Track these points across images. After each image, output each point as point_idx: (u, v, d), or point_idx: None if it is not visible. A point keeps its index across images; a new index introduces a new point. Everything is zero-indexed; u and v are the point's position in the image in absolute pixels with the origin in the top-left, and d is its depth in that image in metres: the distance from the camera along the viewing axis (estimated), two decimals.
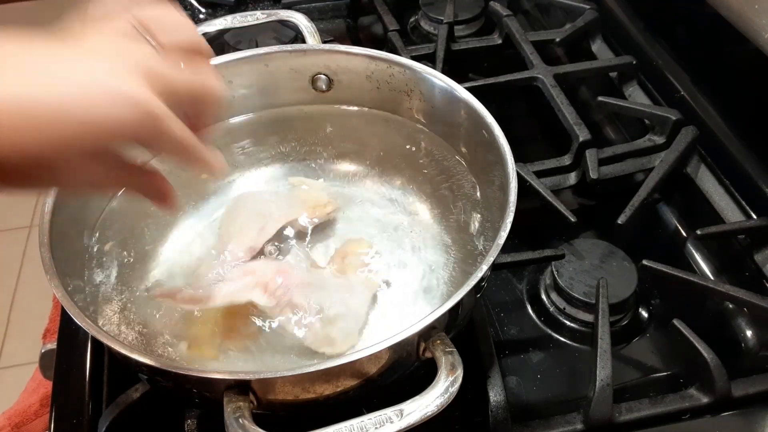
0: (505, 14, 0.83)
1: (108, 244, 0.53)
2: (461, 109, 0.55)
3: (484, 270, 0.42)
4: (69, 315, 0.41)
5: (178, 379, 0.40)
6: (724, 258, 0.62)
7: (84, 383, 0.51)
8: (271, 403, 0.40)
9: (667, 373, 0.54)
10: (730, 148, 0.66)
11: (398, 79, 0.59)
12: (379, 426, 0.36)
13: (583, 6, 0.85)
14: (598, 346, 0.50)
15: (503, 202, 0.46)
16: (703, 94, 0.71)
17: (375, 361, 0.40)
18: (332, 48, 0.61)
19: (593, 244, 0.60)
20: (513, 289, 0.61)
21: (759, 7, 0.60)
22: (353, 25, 0.93)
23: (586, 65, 0.78)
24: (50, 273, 0.43)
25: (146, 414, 0.48)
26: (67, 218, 0.49)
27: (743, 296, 0.55)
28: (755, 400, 0.50)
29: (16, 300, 1.64)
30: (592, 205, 0.68)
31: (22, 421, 0.70)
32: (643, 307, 0.59)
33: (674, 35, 0.77)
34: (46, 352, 0.61)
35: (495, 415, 0.48)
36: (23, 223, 1.81)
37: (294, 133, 0.62)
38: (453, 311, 0.40)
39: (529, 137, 0.78)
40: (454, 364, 0.39)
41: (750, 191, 0.63)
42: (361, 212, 0.57)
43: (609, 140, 0.76)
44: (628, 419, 0.49)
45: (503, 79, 0.75)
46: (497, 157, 0.50)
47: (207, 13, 0.93)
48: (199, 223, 0.56)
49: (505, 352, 0.56)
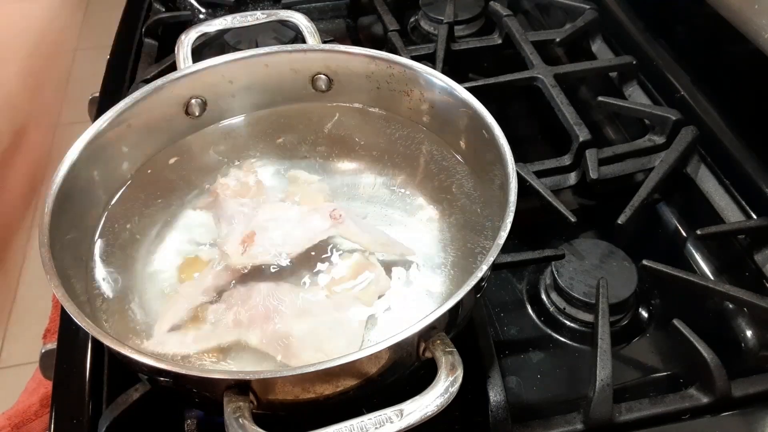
0: (505, 14, 0.83)
1: (108, 245, 0.53)
2: (461, 109, 0.55)
3: (484, 270, 0.42)
4: (69, 315, 0.41)
5: (178, 379, 0.40)
6: (724, 258, 0.62)
7: (84, 383, 0.51)
8: (271, 403, 0.40)
9: (667, 373, 0.54)
10: (730, 148, 0.66)
11: (398, 79, 0.59)
12: (379, 426, 0.36)
13: (583, 6, 0.85)
14: (598, 346, 0.50)
15: (503, 201, 0.46)
16: (703, 94, 0.71)
17: (375, 361, 0.40)
18: (332, 48, 0.61)
19: (593, 244, 0.60)
20: (513, 289, 0.61)
21: (759, 7, 0.60)
22: (353, 25, 0.93)
23: (586, 65, 0.78)
24: (50, 273, 0.43)
25: (146, 414, 0.48)
26: (67, 218, 0.49)
27: (743, 296, 0.55)
28: (755, 400, 0.50)
29: (16, 300, 1.64)
30: (592, 205, 0.68)
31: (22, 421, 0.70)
32: (643, 307, 0.59)
33: (674, 35, 0.77)
34: (46, 352, 0.61)
35: (495, 415, 0.48)
36: (23, 222, 1.81)
37: (294, 133, 0.62)
38: (453, 311, 0.40)
39: (529, 137, 0.78)
40: (454, 364, 0.39)
41: (750, 191, 0.63)
42: (361, 212, 0.57)
43: (609, 140, 0.76)
44: (628, 419, 0.49)
45: (503, 79, 0.75)
46: (497, 157, 0.50)
47: (207, 13, 0.93)
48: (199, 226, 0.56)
49: (505, 352, 0.56)
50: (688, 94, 0.71)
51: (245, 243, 0.50)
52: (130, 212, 0.55)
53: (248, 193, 0.55)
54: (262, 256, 0.50)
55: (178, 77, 0.58)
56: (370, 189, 0.58)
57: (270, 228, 0.51)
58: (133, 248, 0.53)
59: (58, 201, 0.48)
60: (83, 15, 2.39)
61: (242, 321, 0.47)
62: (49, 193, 0.48)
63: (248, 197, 0.54)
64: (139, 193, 0.57)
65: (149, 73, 0.77)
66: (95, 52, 2.12)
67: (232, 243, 0.50)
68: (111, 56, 0.84)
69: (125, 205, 0.55)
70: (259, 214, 0.53)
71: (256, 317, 0.47)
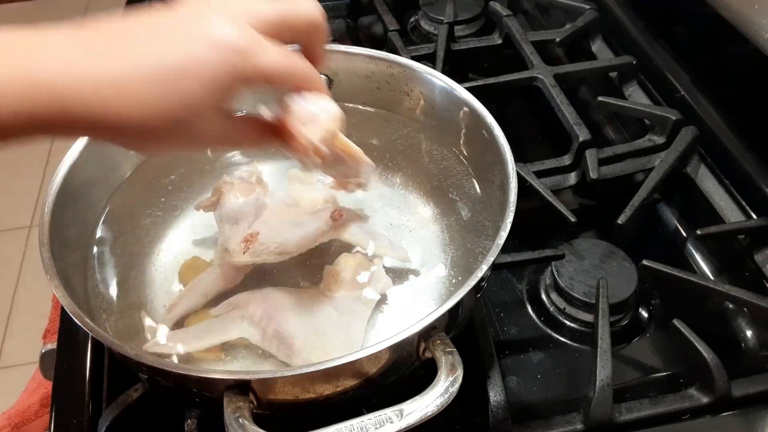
0: (505, 14, 0.83)
1: (109, 245, 0.53)
2: (461, 109, 0.55)
3: (484, 270, 0.42)
4: (69, 315, 0.41)
5: (178, 379, 0.40)
6: (724, 258, 0.62)
7: (84, 383, 0.51)
8: (271, 403, 0.40)
9: (667, 373, 0.54)
10: (730, 148, 0.66)
11: (398, 79, 0.59)
12: (379, 426, 0.36)
13: (583, 6, 0.85)
14: (598, 346, 0.50)
15: (503, 201, 0.46)
16: (703, 94, 0.71)
17: (375, 361, 0.40)
18: (332, 48, 0.61)
19: (593, 244, 0.60)
20: (513, 289, 0.61)
21: (759, 7, 0.60)
22: (353, 25, 0.93)
23: (586, 65, 0.78)
24: (50, 273, 0.43)
25: (146, 414, 0.48)
26: (67, 218, 0.49)
27: (743, 296, 0.55)
28: (755, 400, 0.50)
29: (16, 300, 1.64)
30: (592, 205, 0.68)
31: (22, 421, 0.70)
32: (643, 307, 0.59)
33: (674, 35, 0.77)
34: (46, 352, 0.61)
35: (495, 415, 0.48)
36: (23, 223, 1.81)
37: None
38: (453, 311, 0.40)
39: (529, 137, 0.78)
40: (454, 364, 0.39)
41: (750, 191, 0.63)
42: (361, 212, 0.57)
43: (609, 140, 0.76)
44: (628, 419, 0.49)
45: (503, 79, 0.75)
46: (497, 157, 0.50)
47: None
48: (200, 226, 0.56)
49: (505, 352, 0.56)
50: (688, 94, 0.71)
51: (248, 242, 0.50)
52: (130, 212, 0.55)
53: (252, 193, 0.55)
54: (264, 255, 0.50)
55: None
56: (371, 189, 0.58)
57: (273, 228, 0.51)
58: (133, 248, 0.53)
59: (58, 201, 0.48)
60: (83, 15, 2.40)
61: (244, 320, 0.47)
62: (49, 193, 0.48)
63: (252, 197, 0.54)
64: (140, 192, 0.57)
65: None
66: None
67: (235, 242, 0.50)
68: None
69: (125, 205, 0.55)
70: (262, 214, 0.53)
71: (257, 317, 0.47)
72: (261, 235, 0.50)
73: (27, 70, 0.31)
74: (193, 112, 0.35)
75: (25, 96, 0.31)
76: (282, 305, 0.48)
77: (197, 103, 0.34)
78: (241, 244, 0.50)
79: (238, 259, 0.50)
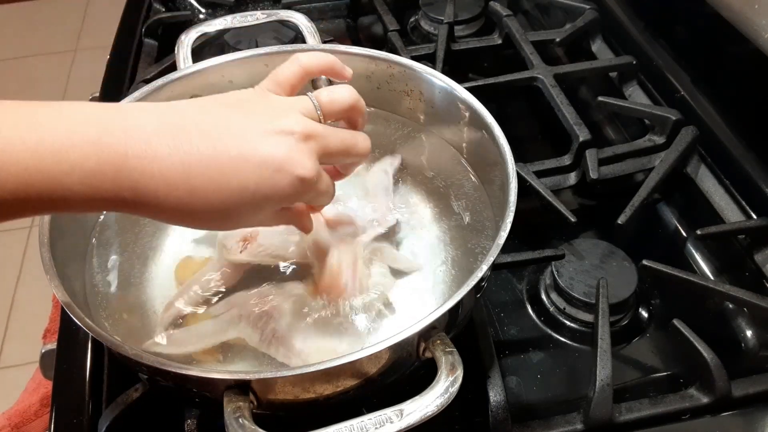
0: (505, 14, 0.83)
1: (108, 245, 0.53)
2: (461, 109, 0.55)
3: (484, 270, 0.42)
4: (69, 315, 0.41)
5: (178, 379, 0.40)
6: (724, 258, 0.62)
7: (84, 383, 0.51)
8: (271, 403, 0.40)
9: (667, 373, 0.54)
10: (730, 148, 0.66)
11: (398, 79, 0.59)
12: (379, 426, 0.36)
13: (583, 6, 0.85)
14: (598, 346, 0.50)
15: (503, 201, 0.46)
16: (703, 94, 0.71)
17: (375, 361, 0.40)
18: (332, 48, 0.61)
19: (593, 244, 0.60)
20: (513, 289, 0.61)
21: (759, 7, 0.60)
22: (353, 25, 0.94)
23: (586, 65, 0.78)
24: (50, 273, 0.43)
25: (146, 414, 0.48)
26: (67, 218, 0.49)
27: (743, 296, 0.55)
28: (755, 400, 0.50)
29: (16, 300, 1.64)
30: (592, 205, 0.68)
31: (22, 421, 0.70)
32: (643, 307, 0.59)
33: (674, 35, 0.77)
34: (46, 352, 0.61)
35: (495, 415, 0.48)
36: (23, 223, 1.81)
37: None
38: (453, 311, 0.40)
39: (529, 137, 0.78)
40: (454, 364, 0.39)
41: (750, 191, 0.63)
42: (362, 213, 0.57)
43: (609, 140, 0.76)
44: (628, 419, 0.49)
45: (503, 79, 0.75)
46: (497, 157, 0.50)
47: (207, 13, 0.93)
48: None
49: (505, 352, 0.56)
50: (688, 94, 0.71)
51: (246, 242, 0.50)
52: None
53: None
54: (262, 255, 0.50)
55: (178, 77, 0.57)
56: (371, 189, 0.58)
57: (274, 231, 0.51)
58: (133, 248, 0.53)
59: None
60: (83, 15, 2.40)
61: (242, 320, 0.47)
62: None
63: None
64: None
65: (149, 73, 0.77)
66: (95, 52, 2.12)
67: (233, 239, 0.50)
68: (111, 56, 0.84)
69: None
70: None
71: (256, 317, 0.47)
72: (261, 236, 0.50)
73: (122, 156, 0.34)
74: (255, 223, 0.42)
75: (108, 178, 0.34)
76: (281, 304, 0.48)
77: (261, 219, 0.41)
78: (239, 242, 0.50)
79: (234, 257, 0.50)
